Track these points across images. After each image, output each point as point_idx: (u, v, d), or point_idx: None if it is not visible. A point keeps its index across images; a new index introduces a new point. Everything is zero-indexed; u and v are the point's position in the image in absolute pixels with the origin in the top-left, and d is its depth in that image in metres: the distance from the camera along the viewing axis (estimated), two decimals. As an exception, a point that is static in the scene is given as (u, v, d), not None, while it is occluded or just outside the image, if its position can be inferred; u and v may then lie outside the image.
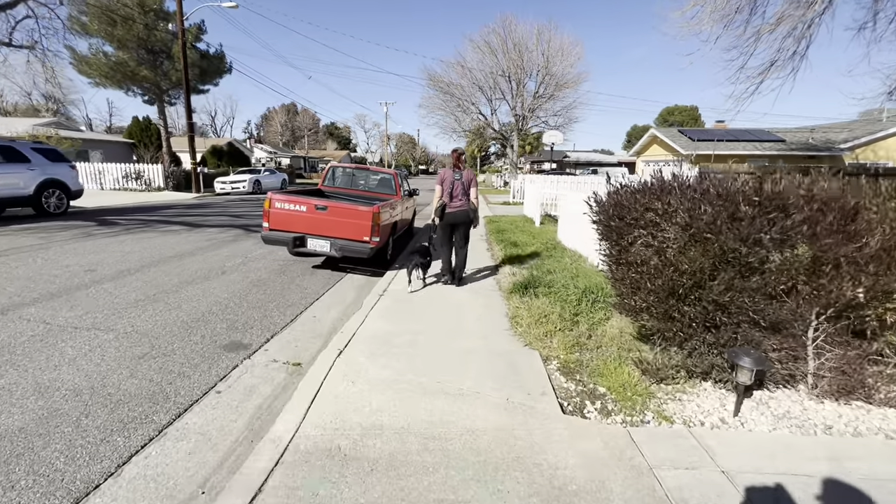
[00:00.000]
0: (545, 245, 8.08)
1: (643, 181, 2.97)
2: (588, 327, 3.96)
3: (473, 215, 5.33)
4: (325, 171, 8.45)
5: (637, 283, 2.81)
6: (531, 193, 12.91)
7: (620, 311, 3.18)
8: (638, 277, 2.79)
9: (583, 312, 4.24)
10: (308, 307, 5.04)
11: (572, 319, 4.09)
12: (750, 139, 21.09)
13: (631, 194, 2.88)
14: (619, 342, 3.63)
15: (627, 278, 2.87)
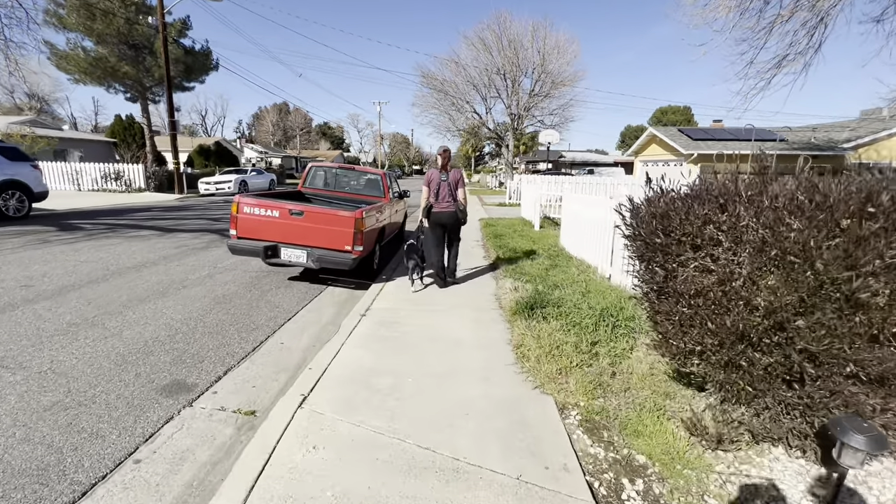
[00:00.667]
0: (547, 252, 7.38)
1: (698, 182, 2.28)
2: (610, 361, 3.26)
3: (462, 215, 5.28)
4: (305, 171, 7.70)
5: (689, 320, 2.12)
6: (529, 195, 12.23)
7: (663, 354, 2.49)
8: (690, 313, 2.09)
9: (602, 341, 3.53)
10: (277, 330, 4.30)
11: (590, 351, 3.39)
12: (748, 139, 20.57)
13: (683, 202, 2.18)
14: (650, 383, 2.94)
15: (675, 312, 2.18)
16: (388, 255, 7.73)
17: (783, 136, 20.98)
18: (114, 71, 23.65)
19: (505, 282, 5.49)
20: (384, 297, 5.17)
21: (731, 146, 20.39)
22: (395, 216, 7.92)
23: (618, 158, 45.85)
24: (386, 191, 7.44)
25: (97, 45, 23.37)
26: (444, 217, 5.27)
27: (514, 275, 5.84)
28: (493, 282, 5.83)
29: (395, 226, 8.12)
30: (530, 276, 5.68)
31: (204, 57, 26.63)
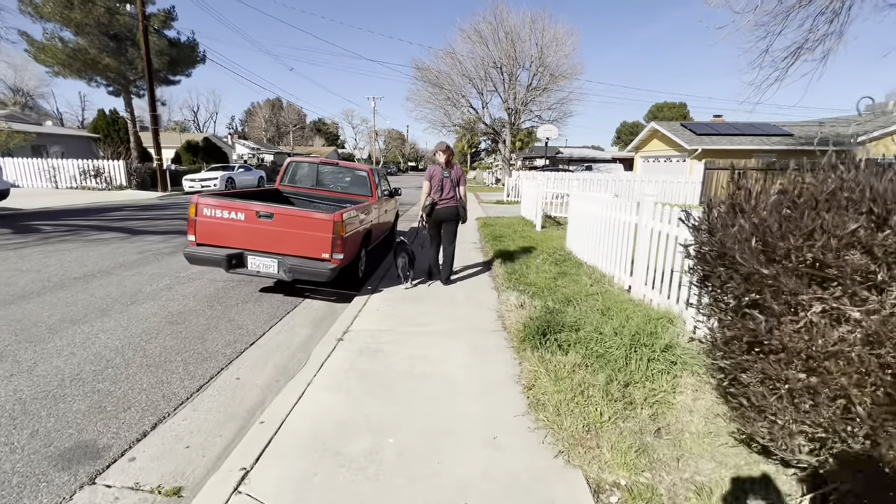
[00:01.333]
0: (553, 257, 6.65)
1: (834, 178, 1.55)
2: (652, 412, 2.53)
3: (462, 212, 5.25)
4: (283, 167, 6.90)
5: (811, 391, 1.38)
6: (530, 192, 11.48)
7: (751, 436, 1.74)
8: (813, 381, 1.36)
9: (636, 381, 2.80)
10: (234, 359, 3.53)
11: (624, 396, 2.65)
12: (756, 133, 19.91)
13: (801, 211, 1.44)
14: (710, 448, 2.21)
15: (781, 377, 1.44)
16: (377, 259, 6.98)
17: (789, 131, 20.32)
18: (94, 63, 22.65)
19: (508, 295, 4.74)
20: (368, 313, 4.41)
21: (737, 141, 19.71)
22: (384, 217, 7.15)
23: (615, 154, 45.22)
24: (373, 189, 6.66)
25: (76, 35, 22.35)
26: (445, 213, 5.21)
27: (519, 285, 5.10)
28: (494, 294, 5.08)
29: (384, 227, 7.36)
30: (537, 288, 4.94)
31: (189, 49, 25.61)
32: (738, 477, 1.99)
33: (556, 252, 7.01)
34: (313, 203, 6.77)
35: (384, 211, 7.15)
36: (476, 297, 5.02)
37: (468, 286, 5.48)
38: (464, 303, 4.79)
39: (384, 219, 7.19)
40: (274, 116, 75.14)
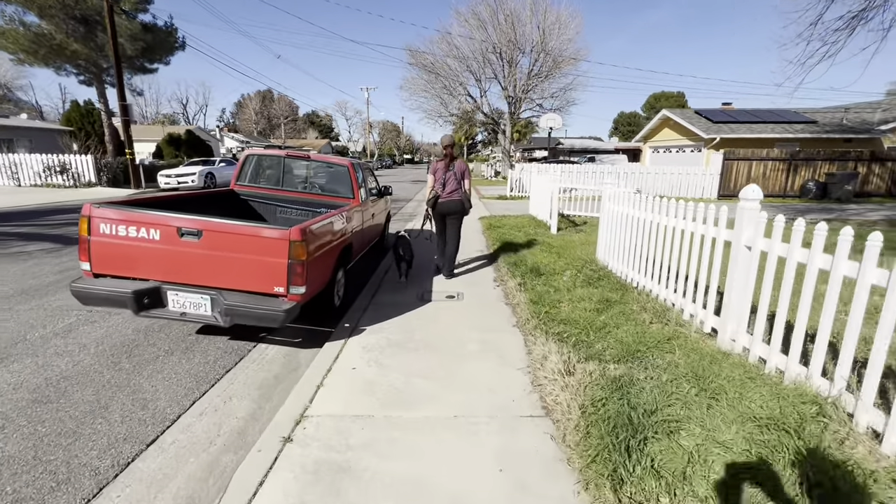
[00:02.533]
0: (584, 273, 5.27)
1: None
2: None
3: (466, 205, 5.22)
4: (239, 162, 5.43)
5: None
6: (540, 188, 10.05)
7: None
8: None
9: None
10: (111, 481, 2.14)
11: None
12: (777, 120, 18.52)
13: None
14: None
15: None
16: (361, 274, 5.58)
17: (812, 118, 18.95)
18: (61, 49, 20.89)
19: (539, 343, 3.34)
20: (340, 377, 3.02)
21: (757, 129, 18.32)
22: (371, 222, 5.75)
23: (618, 145, 43.81)
24: (355, 188, 5.22)
25: (40, 19, 20.58)
26: (450, 207, 5.19)
27: (550, 323, 3.70)
28: (519, 338, 3.68)
29: (372, 234, 5.96)
30: (577, 328, 3.55)
31: (167, 34, 23.85)
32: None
33: (585, 265, 5.62)
34: (279, 208, 5.35)
35: (371, 215, 5.73)
36: (492, 338, 3.63)
37: (480, 316, 4.08)
38: (477, 351, 3.40)
39: (371, 224, 5.78)
40: (265, 108, 73.10)
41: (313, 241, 3.41)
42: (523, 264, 5.72)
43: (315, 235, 3.45)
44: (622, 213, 5.07)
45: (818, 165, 16.74)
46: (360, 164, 5.68)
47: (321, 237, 3.61)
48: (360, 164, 5.68)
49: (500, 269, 5.78)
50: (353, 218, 4.77)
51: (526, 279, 5.09)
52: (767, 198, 16.83)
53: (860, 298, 2.23)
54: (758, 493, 1.72)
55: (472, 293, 4.86)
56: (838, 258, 2.35)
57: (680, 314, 3.74)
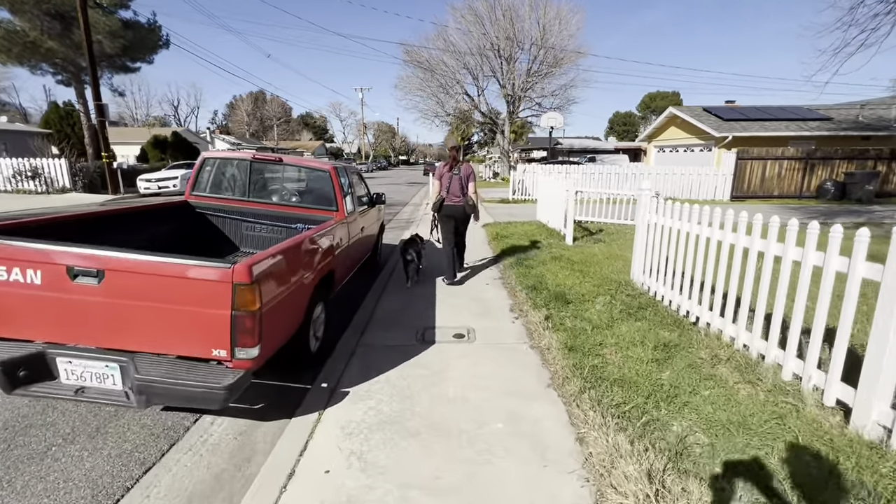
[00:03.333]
0: (619, 298, 4.31)
1: None
2: None
3: (472, 210, 5.11)
4: (196, 166, 4.40)
5: None
6: (550, 191, 9.07)
7: None
8: None
9: None
10: None
11: None
12: (791, 118, 17.68)
13: None
14: None
15: None
16: (350, 300, 4.58)
17: (827, 115, 18.12)
18: (35, 47, 19.77)
19: (595, 425, 2.35)
20: (305, 487, 2.02)
21: (770, 127, 17.46)
22: (361, 236, 4.76)
23: (618, 145, 43.01)
24: (339, 198, 4.21)
25: (13, 14, 19.46)
26: (456, 211, 5.15)
27: (600, 385, 2.72)
28: (559, 411, 2.68)
29: (362, 250, 4.99)
30: (642, 393, 2.58)
31: (149, 32, 22.75)
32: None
33: (619, 288, 4.65)
34: (245, 224, 4.34)
35: (360, 229, 4.74)
36: (523, 409, 2.63)
37: (500, 368, 3.09)
38: (504, 435, 2.40)
39: (361, 240, 4.79)
40: (256, 110, 71.89)
41: (272, 279, 2.42)
42: (544, 288, 4.74)
43: (275, 271, 2.46)
44: (672, 228, 4.09)
45: (835, 165, 15.91)
46: (345, 168, 4.68)
47: (286, 271, 2.62)
48: (345, 168, 4.68)
49: (517, 293, 4.80)
50: (337, 236, 3.79)
51: (551, 310, 4.11)
52: (782, 199, 15.98)
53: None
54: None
55: (486, 329, 3.87)
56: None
57: (777, 370, 2.76)
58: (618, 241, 7.53)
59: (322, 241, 3.32)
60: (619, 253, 6.54)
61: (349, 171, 4.79)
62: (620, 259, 6.13)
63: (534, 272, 5.45)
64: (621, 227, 9.11)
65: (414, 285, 5.17)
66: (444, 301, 4.66)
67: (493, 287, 5.17)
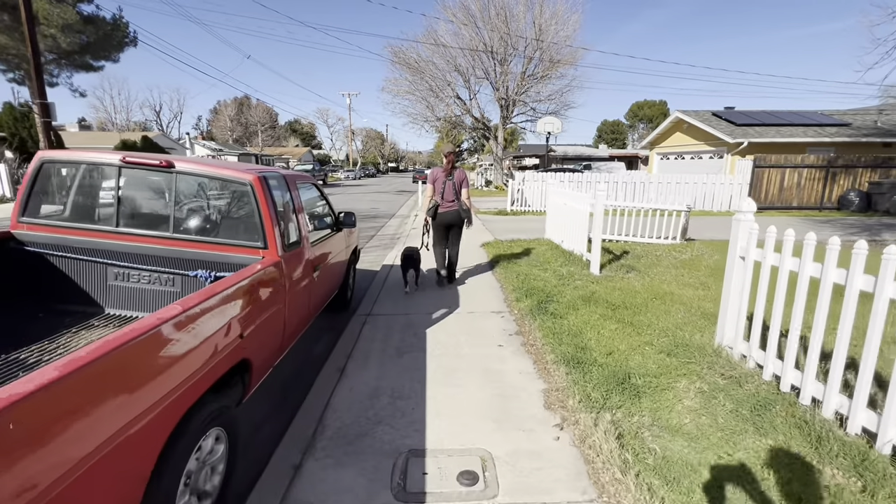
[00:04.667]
0: (707, 380, 2.74)
1: None
2: None
3: (466, 215, 5.11)
4: (26, 176, 2.71)
5: None
6: (567, 204, 7.50)
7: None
8: None
9: None
10: None
11: None
12: (807, 123, 16.52)
13: None
14: None
15: None
16: (296, 376, 2.92)
17: (845, 121, 16.98)
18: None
19: None
20: None
21: (786, 133, 16.24)
22: (313, 279, 3.12)
23: (613, 153, 42.02)
24: (269, 228, 2.55)
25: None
26: (449, 216, 5.07)
27: None
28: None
29: (319, 295, 3.38)
30: None
31: (113, 28, 20.91)
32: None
33: (702, 357, 3.07)
34: (112, 271, 2.66)
35: (311, 268, 3.09)
36: None
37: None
38: None
39: (312, 285, 3.14)
40: (241, 115, 69.82)
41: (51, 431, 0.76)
42: (590, 361, 3.13)
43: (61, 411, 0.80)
44: (802, 273, 2.51)
45: (858, 173, 14.70)
46: (286, 179, 3.01)
47: (97, 407, 0.97)
48: (286, 179, 3.01)
49: (549, 368, 3.17)
50: (261, 291, 2.15)
51: (615, 410, 2.50)
52: (802, 210, 14.71)
53: None
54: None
55: (512, 458, 2.24)
56: None
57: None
58: (655, 270, 5.98)
59: (219, 313, 1.69)
60: (668, 290, 4.98)
61: (294, 182, 3.12)
62: (675, 300, 4.57)
63: (565, 325, 3.84)
64: (648, 248, 7.58)
65: (399, 351, 3.54)
66: (441, 378, 3.03)
67: (510, 351, 3.54)
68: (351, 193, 24.92)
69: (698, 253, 7.11)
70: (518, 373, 3.15)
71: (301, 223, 3.04)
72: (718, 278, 5.46)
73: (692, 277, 5.57)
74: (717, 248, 7.46)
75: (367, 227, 11.38)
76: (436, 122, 26.53)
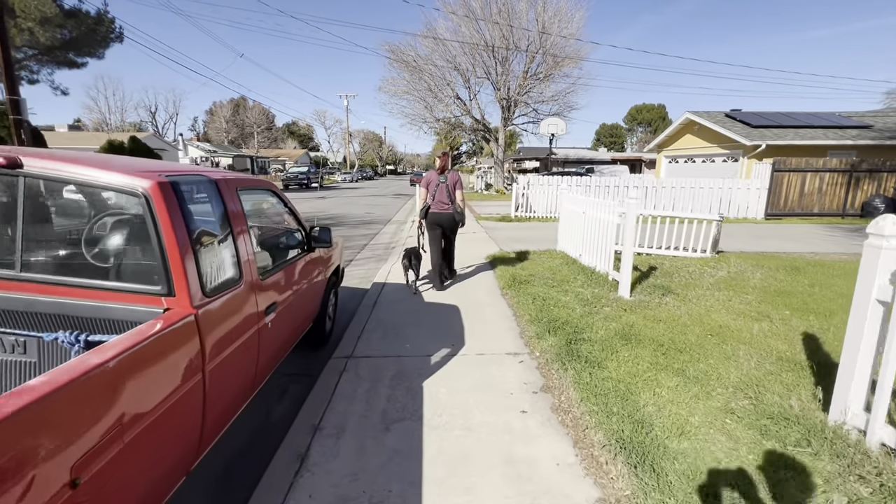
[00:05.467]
0: (835, 484, 1.78)
1: None
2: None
3: (459, 217, 5.11)
4: None
5: None
6: (580, 214, 6.55)
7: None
8: None
9: None
10: None
11: None
12: (826, 125, 15.67)
13: None
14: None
15: None
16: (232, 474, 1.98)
17: (866, 123, 16.14)
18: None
19: None
20: None
21: (805, 135, 15.37)
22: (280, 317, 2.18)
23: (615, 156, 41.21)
24: (176, 265, 1.61)
25: (-75, -3, 16.52)
26: (442, 218, 5.11)
27: None
28: None
29: (283, 338, 2.41)
30: None
31: (96, 22, 19.97)
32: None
33: (814, 438, 2.12)
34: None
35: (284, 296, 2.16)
36: None
37: None
38: None
39: (273, 330, 2.20)
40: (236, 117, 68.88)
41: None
42: (660, 449, 2.18)
43: None
44: None
45: (883, 178, 13.85)
46: (215, 185, 2.05)
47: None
48: (215, 185, 2.05)
49: (601, 460, 2.20)
50: (156, 373, 1.20)
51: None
52: (823, 217, 13.84)
53: None
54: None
55: None
56: None
57: None
58: (695, 292, 5.05)
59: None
60: (721, 321, 4.05)
61: (231, 189, 2.17)
62: (735, 337, 3.63)
63: (608, 379, 2.89)
64: (676, 263, 6.66)
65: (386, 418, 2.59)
66: (443, 475, 2.09)
67: (538, 420, 2.58)
68: (346, 197, 23.97)
69: (737, 269, 6.19)
70: (555, 464, 2.19)
71: (242, 249, 2.09)
72: (777, 304, 4.52)
73: (743, 303, 4.64)
74: (755, 263, 6.54)
75: (359, 234, 10.42)
76: (434, 123, 25.60)
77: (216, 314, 1.79)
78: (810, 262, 6.82)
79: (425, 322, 4.23)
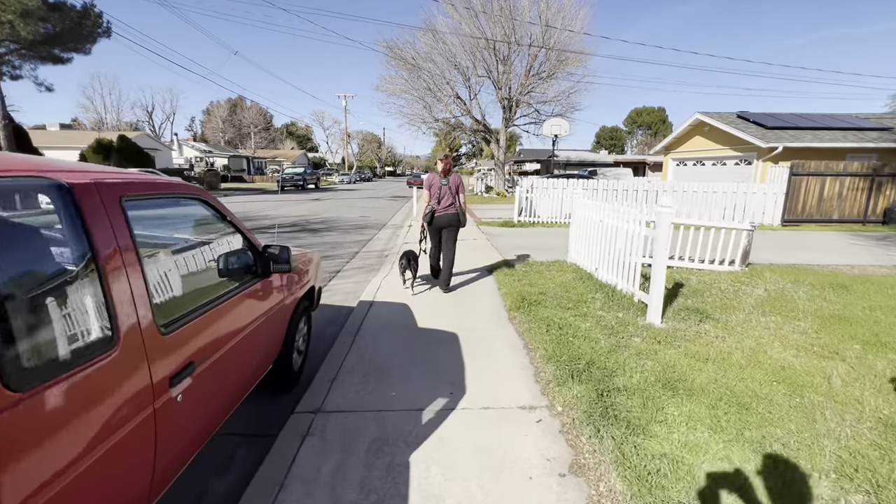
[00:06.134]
0: None
1: None
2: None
3: (462, 218, 5.13)
4: None
5: None
6: (598, 222, 5.78)
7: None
8: None
9: None
10: None
11: None
12: (845, 126, 14.97)
13: None
14: None
15: None
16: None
17: (886, 125, 15.43)
18: (-72, 27, 16.06)
19: None
20: None
21: (823, 137, 14.65)
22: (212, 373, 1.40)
23: (617, 158, 40.50)
24: None
25: None
26: (445, 220, 5.10)
27: None
28: None
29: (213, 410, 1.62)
30: None
31: (82, 16, 19.18)
32: None
33: None
34: None
35: (217, 346, 1.38)
36: None
37: None
38: None
39: (194, 401, 1.41)
40: (233, 117, 68.07)
41: None
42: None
43: None
44: None
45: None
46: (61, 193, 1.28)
47: None
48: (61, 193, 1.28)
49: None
50: None
51: None
52: (843, 224, 13.10)
53: None
54: None
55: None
56: None
57: None
58: (735, 316, 4.29)
59: None
60: (781, 359, 3.29)
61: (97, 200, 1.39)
62: (807, 385, 2.87)
63: (656, 454, 2.13)
64: (703, 277, 5.90)
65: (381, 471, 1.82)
66: None
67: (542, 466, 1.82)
68: (342, 199, 23.21)
69: (774, 286, 5.43)
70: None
71: (120, 294, 1.33)
72: (840, 335, 3.64)
73: (798, 332, 3.88)
74: (793, 279, 5.78)
75: (350, 241, 9.64)
76: (433, 123, 24.85)
77: (40, 416, 1.03)
78: (854, 277, 6.06)
79: (417, 357, 3.46)
